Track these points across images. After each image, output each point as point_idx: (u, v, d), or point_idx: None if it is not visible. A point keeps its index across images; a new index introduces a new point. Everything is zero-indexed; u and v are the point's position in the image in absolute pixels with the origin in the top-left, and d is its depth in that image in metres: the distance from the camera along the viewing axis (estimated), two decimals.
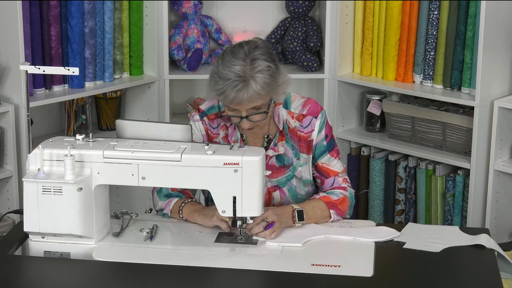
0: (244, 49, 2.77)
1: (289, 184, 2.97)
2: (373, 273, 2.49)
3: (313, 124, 2.93)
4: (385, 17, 4.01)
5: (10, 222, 3.55)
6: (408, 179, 4.08)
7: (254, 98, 2.74)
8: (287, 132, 2.93)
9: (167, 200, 2.90)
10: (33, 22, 3.65)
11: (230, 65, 2.74)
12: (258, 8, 4.31)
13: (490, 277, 2.49)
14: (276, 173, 2.95)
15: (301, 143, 2.95)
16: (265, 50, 2.79)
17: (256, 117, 2.80)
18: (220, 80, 2.74)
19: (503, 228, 3.85)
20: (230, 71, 2.73)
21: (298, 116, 2.94)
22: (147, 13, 4.05)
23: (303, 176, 2.97)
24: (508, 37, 3.75)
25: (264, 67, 2.74)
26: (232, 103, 2.76)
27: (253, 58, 2.75)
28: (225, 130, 2.96)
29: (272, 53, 2.82)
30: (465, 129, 3.83)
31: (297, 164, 2.96)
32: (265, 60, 2.76)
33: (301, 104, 2.96)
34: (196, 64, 4.15)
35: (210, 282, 2.47)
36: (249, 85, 2.72)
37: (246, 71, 2.73)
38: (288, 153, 2.94)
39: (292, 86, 3.04)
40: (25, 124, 3.57)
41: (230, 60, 2.75)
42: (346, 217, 2.92)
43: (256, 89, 2.73)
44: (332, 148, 2.97)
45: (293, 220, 2.80)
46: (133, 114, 4.20)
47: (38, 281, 2.50)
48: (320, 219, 2.86)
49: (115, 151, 2.65)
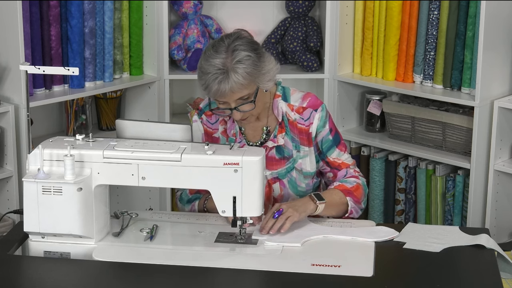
0: (225, 42, 2.80)
1: (289, 176, 2.98)
2: (373, 273, 2.49)
3: (313, 117, 2.95)
4: (385, 17, 4.01)
5: (10, 222, 3.55)
6: (408, 179, 4.08)
7: (237, 88, 2.77)
8: (286, 124, 2.95)
9: (191, 204, 3.00)
10: (33, 22, 3.65)
11: (211, 59, 2.78)
12: (258, 8, 4.31)
13: (490, 277, 2.49)
14: (276, 165, 2.96)
15: (302, 136, 2.96)
16: (246, 40, 2.82)
17: (245, 107, 2.83)
18: (202, 74, 2.79)
19: (503, 228, 3.85)
20: (210, 65, 2.77)
21: (298, 109, 2.96)
22: (147, 13, 4.05)
23: (304, 169, 2.98)
24: (508, 37, 3.75)
25: (243, 57, 2.77)
26: (217, 95, 2.79)
27: (233, 50, 2.78)
28: (224, 124, 2.99)
29: (254, 42, 2.84)
30: (465, 129, 3.83)
31: (297, 156, 2.97)
32: (245, 50, 2.78)
33: (301, 97, 2.98)
34: (196, 64, 4.15)
35: (210, 282, 2.47)
36: (230, 76, 2.75)
37: (227, 63, 2.76)
38: (288, 145, 2.96)
39: (292, 86, 3.05)
40: (25, 124, 3.57)
41: (211, 54, 2.79)
42: (361, 206, 2.94)
43: (237, 80, 2.75)
44: (339, 141, 2.99)
45: (314, 202, 2.81)
46: (133, 114, 4.20)
47: (38, 281, 2.50)
48: (340, 205, 2.89)
49: (115, 151, 2.65)
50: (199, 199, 3.00)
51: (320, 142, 2.97)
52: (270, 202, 2.99)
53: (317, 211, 2.82)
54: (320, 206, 2.82)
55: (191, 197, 3.03)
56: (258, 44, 2.87)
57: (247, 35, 2.85)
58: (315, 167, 3.00)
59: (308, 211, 2.81)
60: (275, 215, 2.73)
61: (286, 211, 2.74)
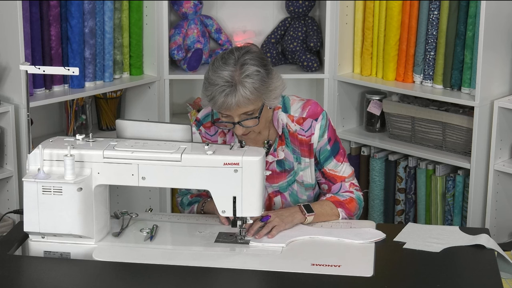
0: (235, 55, 2.76)
1: (290, 189, 2.96)
2: (373, 273, 2.49)
3: (314, 127, 2.91)
4: (385, 17, 4.01)
5: (10, 222, 3.55)
6: (408, 179, 4.08)
7: (243, 103, 2.73)
8: (287, 136, 2.92)
9: (190, 207, 3.00)
10: (33, 22, 3.65)
11: (219, 71, 2.73)
12: (258, 8, 4.31)
13: (490, 277, 2.49)
14: (277, 178, 2.94)
15: (302, 147, 2.93)
16: (256, 55, 2.78)
17: (248, 123, 2.79)
18: (209, 86, 2.75)
19: (503, 228, 3.85)
20: (218, 76, 2.73)
21: (298, 120, 2.92)
22: (147, 13, 4.05)
23: (305, 181, 2.96)
24: (508, 37, 3.74)
25: (253, 72, 2.73)
26: (222, 108, 2.75)
27: (242, 64, 2.74)
28: (223, 136, 2.95)
29: (264, 58, 2.80)
30: (465, 129, 3.83)
31: (298, 169, 2.95)
32: (254, 65, 2.74)
33: (301, 106, 2.94)
34: (196, 64, 4.15)
35: (210, 282, 2.47)
36: (237, 90, 2.71)
37: (235, 76, 2.72)
38: (288, 158, 2.93)
39: (292, 86, 3.05)
40: (25, 124, 3.57)
41: (220, 66, 2.75)
42: (354, 218, 2.92)
43: (244, 94, 2.72)
44: (337, 152, 2.96)
45: (302, 214, 2.80)
46: (133, 114, 4.20)
47: (38, 281, 2.50)
48: (331, 216, 2.87)
49: (115, 151, 2.65)
50: (198, 202, 3.00)
51: (317, 152, 2.94)
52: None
53: (305, 222, 2.82)
54: (308, 218, 2.82)
55: (191, 200, 3.02)
56: (268, 60, 2.83)
57: (256, 50, 2.81)
58: (316, 178, 2.99)
59: (296, 221, 2.80)
60: (262, 219, 2.73)
61: (272, 220, 2.74)
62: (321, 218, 2.85)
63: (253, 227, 2.73)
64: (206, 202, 2.96)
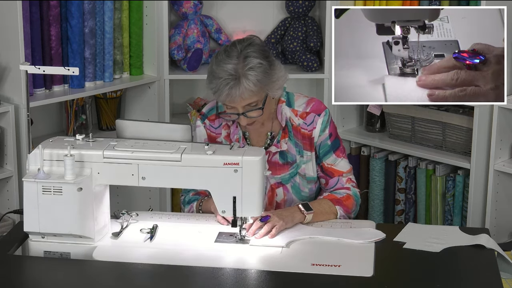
0: (237, 47, 2.81)
1: (292, 181, 2.98)
2: (373, 273, 2.49)
3: (316, 122, 2.95)
4: None
5: (10, 222, 3.55)
6: (408, 179, 4.08)
7: (247, 95, 2.78)
8: (290, 130, 2.95)
9: (189, 206, 3.01)
10: (33, 22, 3.65)
11: (223, 64, 2.78)
12: (258, 8, 4.31)
13: (490, 277, 2.49)
14: (279, 170, 2.96)
15: (305, 141, 2.96)
16: (258, 47, 2.83)
17: (253, 113, 2.84)
18: (214, 79, 2.79)
19: (503, 228, 3.85)
20: (222, 69, 2.77)
21: (302, 114, 2.96)
22: (147, 13, 4.05)
23: (307, 174, 2.98)
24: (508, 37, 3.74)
25: (256, 64, 2.77)
26: (226, 100, 2.80)
27: (245, 56, 2.78)
28: (227, 129, 2.98)
29: (266, 50, 2.85)
30: (465, 129, 3.83)
31: (301, 162, 2.97)
32: (257, 57, 2.79)
33: (305, 102, 2.98)
34: (196, 64, 4.15)
35: (210, 282, 2.47)
36: (241, 82, 2.76)
37: (238, 69, 2.77)
38: (291, 151, 2.96)
39: (292, 86, 3.05)
40: (25, 124, 3.57)
41: (223, 59, 2.80)
42: (351, 215, 2.93)
43: (248, 86, 2.76)
44: (337, 147, 2.98)
45: (301, 213, 2.81)
46: (133, 114, 4.20)
47: (38, 281, 2.50)
48: (329, 214, 2.88)
49: (115, 151, 2.65)
50: (197, 201, 3.00)
51: (318, 146, 2.97)
52: (272, 207, 2.98)
53: (305, 221, 2.83)
54: (308, 217, 2.83)
55: (191, 198, 3.03)
56: (270, 52, 2.88)
57: (259, 42, 2.86)
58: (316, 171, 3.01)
59: (296, 220, 2.81)
60: (262, 219, 2.74)
61: (272, 220, 2.75)
62: (320, 216, 2.86)
63: (253, 227, 2.73)
64: (204, 200, 2.97)
